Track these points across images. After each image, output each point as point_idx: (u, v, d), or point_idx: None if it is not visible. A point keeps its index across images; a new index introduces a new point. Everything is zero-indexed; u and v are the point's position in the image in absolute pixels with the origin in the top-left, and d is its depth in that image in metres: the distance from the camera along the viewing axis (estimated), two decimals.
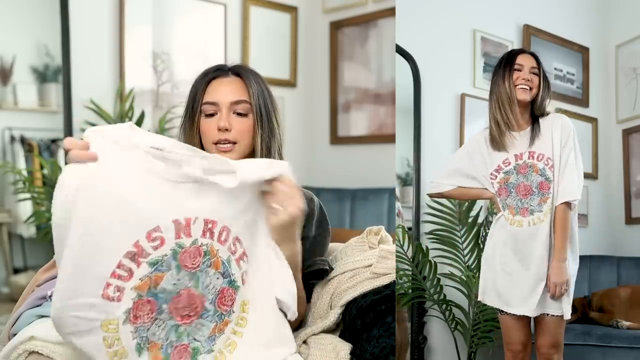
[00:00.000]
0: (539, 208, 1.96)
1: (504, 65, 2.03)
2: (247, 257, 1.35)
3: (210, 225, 1.28)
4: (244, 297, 1.35)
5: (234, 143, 1.48)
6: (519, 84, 1.99)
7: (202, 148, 1.51)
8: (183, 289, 1.26)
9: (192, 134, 1.50)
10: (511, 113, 2.00)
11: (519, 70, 2.00)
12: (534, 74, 2.00)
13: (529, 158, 2.00)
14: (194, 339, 1.29)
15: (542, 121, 2.02)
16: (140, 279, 1.20)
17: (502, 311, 2.04)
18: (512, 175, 2.01)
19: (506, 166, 2.03)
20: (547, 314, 1.96)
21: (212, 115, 1.49)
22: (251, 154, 1.52)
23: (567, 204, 1.95)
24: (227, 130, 1.46)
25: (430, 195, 2.27)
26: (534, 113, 2.03)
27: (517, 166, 2.01)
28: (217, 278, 1.31)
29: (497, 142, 2.03)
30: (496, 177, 2.04)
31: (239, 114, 1.48)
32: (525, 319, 2.03)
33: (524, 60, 2.01)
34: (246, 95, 1.49)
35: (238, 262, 1.33)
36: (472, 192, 2.15)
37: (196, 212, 1.26)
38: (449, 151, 3.02)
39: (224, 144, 1.47)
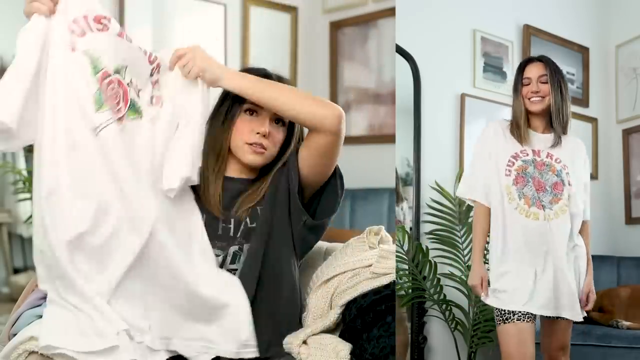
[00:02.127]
0: (550, 206, 1.96)
1: (515, 78, 2.06)
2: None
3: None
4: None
5: (265, 149, 1.56)
6: (529, 97, 2.00)
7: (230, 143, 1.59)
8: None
9: (227, 130, 1.57)
10: (523, 126, 2.01)
11: (527, 83, 2.01)
12: (543, 82, 1.99)
13: (547, 157, 2.00)
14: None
15: (564, 138, 2.03)
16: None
17: (505, 320, 1.92)
18: (530, 167, 1.99)
19: (524, 156, 2.01)
20: (562, 318, 1.95)
21: (252, 112, 1.57)
22: (273, 160, 1.61)
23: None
24: (264, 136, 1.55)
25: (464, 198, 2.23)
26: (552, 122, 2.01)
27: (535, 161, 2.00)
28: None
29: (517, 136, 2.02)
30: (514, 163, 2.00)
31: (277, 122, 1.58)
32: (531, 328, 1.93)
33: (531, 71, 2.02)
34: None
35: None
36: (476, 246, 2.11)
37: None
38: (449, 151, 3.02)
39: (258, 147, 1.55)
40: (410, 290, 2.78)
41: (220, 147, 1.57)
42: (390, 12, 3.50)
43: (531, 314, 1.92)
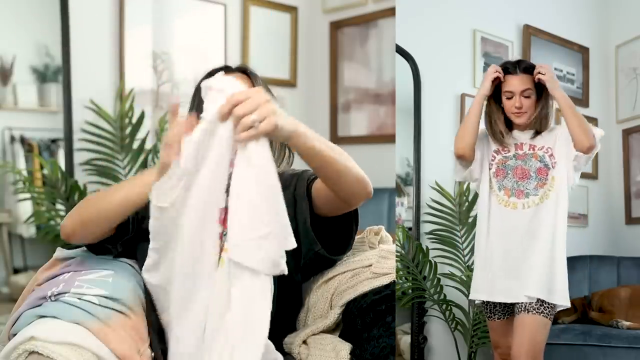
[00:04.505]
0: (535, 192, 1.97)
1: (495, 88, 2.00)
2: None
3: None
4: None
5: None
6: (512, 111, 1.98)
7: None
8: None
9: None
10: (503, 134, 2.02)
11: (509, 98, 1.97)
12: (526, 97, 1.96)
13: (529, 149, 2.02)
14: None
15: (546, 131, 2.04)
16: None
17: (490, 316, 2.05)
18: (511, 160, 2.02)
19: (505, 152, 2.04)
20: (529, 311, 1.90)
21: None
22: None
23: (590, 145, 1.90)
24: None
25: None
26: (537, 128, 2.02)
27: (517, 154, 2.02)
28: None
29: (499, 139, 2.05)
30: (495, 158, 2.04)
31: None
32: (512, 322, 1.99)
33: (513, 85, 1.95)
34: None
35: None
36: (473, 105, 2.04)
37: None
38: (449, 151, 3.00)
39: None
40: (410, 290, 2.78)
41: None
42: (390, 12, 3.50)
43: (511, 311, 2.00)
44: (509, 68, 1.98)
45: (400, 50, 2.92)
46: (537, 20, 3.35)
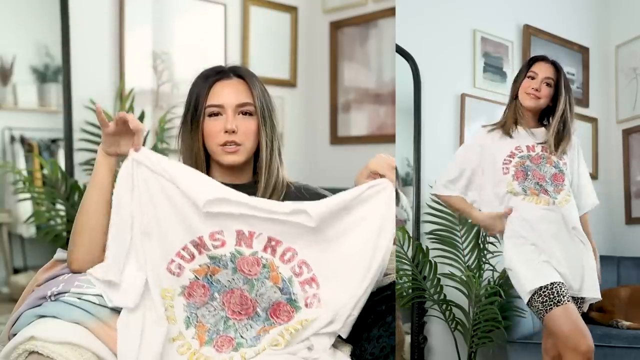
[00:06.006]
0: (555, 195, 1.99)
1: (520, 70, 2.10)
2: (317, 284, 1.41)
3: (273, 243, 1.41)
4: (308, 319, 1.40)
5: (239, 145, 1.52)
6: (529, 92, 2.03)
7: (205, 151, 1.53)
8: (236, 288, 1.39)
9: (196, 136, 1.53)
10: (512, 113, 2.08)
11: (532, 78, 2.04)
12: (547, 84, 2.02)
13: (542, 151, 2.03)
14: (241, 336, 1.38)
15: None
16: (199, 264, 1.39)
17: (558, 303, 1.84)
18: (527, 161, 2.03)
19: (519, 152, 2.04)
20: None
21: (215, 115, 1.52)
22: (254, 154, 1.58)
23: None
24: (233, 132, 1.50)
25: (436, 195, 2.26)
26: (554, 123, 2.04)
27: (530, 156, 2.03)
28: (275, 292, 1.40)
29: (506, 131, 2.08)
30: (511, 161, 2.04)
31: (244, 114, 1.52)
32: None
33: (539, 69, 2.04)
34: (250, 97, 1.54)
35: (302, 285, 1.41)
36: (465, 209, 2.14)
37: (262, 229, 1.40)
38: (449, 151, 3.02)
39: (230, 145, 1.51)
40: (410, 290, 2.78)
41: (195, 152, 1.55)
42: (390, 12, 3.50)
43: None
44: (541, 57, 2.10)
45: (400, 50, 2.91)
46: (537, 20, 3.34)
